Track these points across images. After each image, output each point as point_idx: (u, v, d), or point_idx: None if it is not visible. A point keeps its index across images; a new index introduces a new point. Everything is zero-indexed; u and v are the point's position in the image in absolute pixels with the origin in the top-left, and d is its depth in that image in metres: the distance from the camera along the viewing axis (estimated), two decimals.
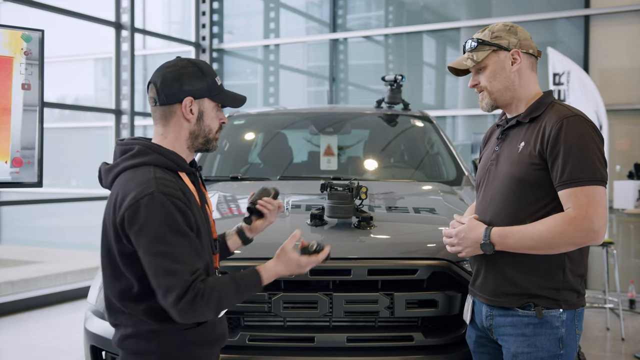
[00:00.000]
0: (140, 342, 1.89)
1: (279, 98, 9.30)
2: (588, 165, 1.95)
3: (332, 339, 2.55)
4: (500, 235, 2.04)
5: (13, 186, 3.08)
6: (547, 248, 1.98)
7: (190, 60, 1.96)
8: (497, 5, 8.08)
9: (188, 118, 1.91)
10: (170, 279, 1.74)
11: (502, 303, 2.10)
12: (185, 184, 1.90)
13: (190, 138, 1.94)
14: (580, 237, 1.94)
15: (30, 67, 3.07)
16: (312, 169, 4.07)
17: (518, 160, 2.08)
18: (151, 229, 1.74)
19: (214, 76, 1.95)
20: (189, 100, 1.90)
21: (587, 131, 1.99)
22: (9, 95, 3.01)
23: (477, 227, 2.10)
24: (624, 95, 7.18)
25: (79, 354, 4.80)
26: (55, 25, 8.49)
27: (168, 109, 1.91)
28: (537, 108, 2.11)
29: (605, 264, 6.13)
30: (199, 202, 1.94)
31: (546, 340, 2.04)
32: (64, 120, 11.41)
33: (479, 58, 2.15)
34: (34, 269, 8.72)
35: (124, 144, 1.93)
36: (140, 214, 1.74)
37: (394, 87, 4.25)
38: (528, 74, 2.15)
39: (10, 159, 3.04)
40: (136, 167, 1.85)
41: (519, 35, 2.14)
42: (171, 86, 1.89)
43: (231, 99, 2.01)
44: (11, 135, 3.04)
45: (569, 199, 1.96)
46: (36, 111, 3.10)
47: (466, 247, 2.12)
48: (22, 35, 3.04)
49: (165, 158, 1.88)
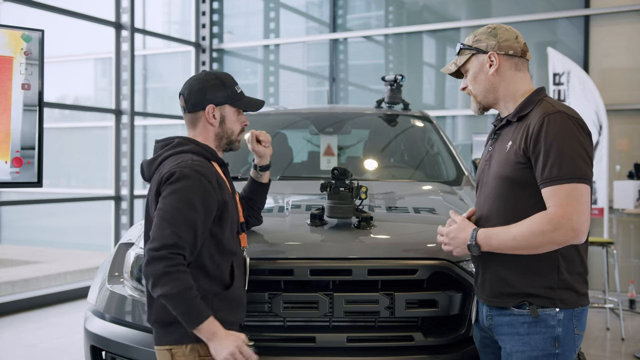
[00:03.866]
0: (169, 313, 2.03)
1: (279, 98, 9.30)
2: (568, 162, 1.93)
3: (332, 339, 2.55)
4: (485, 236, 2.05)
5: (13, 186, 3.08)
6: (529, 248, 1.97)
7: (214, 73, 2.30)
8: (497, 5, 8.08)
9: (212, 122, 2.25)
10: (161, 231, 2.01)
11: (498, 303, 2.11)
12: (218, 172, 2.20)
13: (216, 139, 2.27)
14: (561, 236, 1.92)
15: (30, 67, 3.06)
16: (312, 169, 4.07)
17: (505, 160, 2.09)
18: (170, 190, 2.05)
19: (234, 85, 2.29)
20: (211, 107, 2.24)
21: (568, 128, 1.97)
22: (9, 95, 3.01)
23: (467, 227, 2.11)
24: (624, 95, 7.18)
25: (79, 354, 4.79)
26: (55, 25, 8.50)
27: (194, 116, 2.26)
28: (525, 106, 2.11)
29: (605, 264, 6.14)
30: (229, 188, 2.24)
31: (540, 339, 2.04)
32: (64, 120, 11.41)
33: (460, 62, 2.21)
34: (34, 269, 8.73)
35: (163, 140, 2.27)
36: (173, 178, 2.06)
37: (394, 87, 4.25)
38: (511, 74, 2.14)
39: (10, 159, 3.03)
40: (177, 154, 2.17)
41: (499, 37, 2.15)
42: (196, 96, 2.24)
43: (249, 104, 2.33)
44: (11, 135, 3.04)
45: (550, 198, 1.95)
46: (36, 111, 3.10)
47: (456, 246, 2.14)
48: (22, 35, 3.04)
49: (201, 148, 2.21)
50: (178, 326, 2.07)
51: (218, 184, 2.14)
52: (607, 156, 6.54)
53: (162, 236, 2.00)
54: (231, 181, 2.32)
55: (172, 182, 2.06)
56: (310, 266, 2.53)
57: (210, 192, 2.09)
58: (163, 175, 2.09)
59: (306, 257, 2.57)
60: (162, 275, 1.97)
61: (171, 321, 2.08)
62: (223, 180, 2.20)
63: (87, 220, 10.97)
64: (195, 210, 2.04)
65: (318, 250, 2.62)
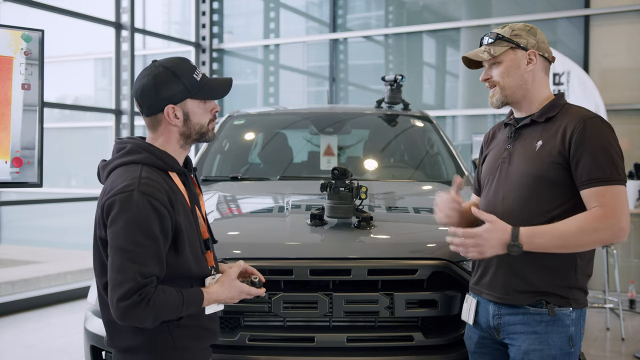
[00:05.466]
0: (127, 338, 1.91)
1: (279, 98, 9.30)
2: (613, 165, 2.00)
3: (332, 339, 2.55)
4: (529, 235, 1.98)
5: (13, 186, 3.08)
6: (575, 247, 2.00)
7: (164, 64, 1.94)
8: (497, 5, 8.08)
9: (174, 123, 1.93)
10: (121, 276, 1.75)
11: (512, 300, 2.09)
12: (174, 184, 1.92)
13: (182, 138, 1.96)
14: (609, 234, 1.97)
15: (30, 67, 3.07)
16: (312, 169, 4.07)
17: (537, 159, 2.09)
18: (120, 223, 1.77)
19: (191, 73, 1.93)
20: (170, 108, 1.91)
21: (609, 132, 2.05)
22: (9, 95, 3.01)
23: (506, 227, 2.00)
24: (624, 95, 7.18)
25: (79, 354, 4.79)
26: (55, 25, 8.50)
27: (154, 119, 1.94)
28: (552, 108, 2.13)
29: (605, 264, 6.14)
30: (188, 202, 1.95)
31: (558, 338, 2.05)
32: (64, 120, 11.41)
33: (496, 52, 2.15)
34: (34, 269, 8.72)
35: (119, 142, 1.98)
36: (115, 208, 1.79)
37: (394, 87, 4.25)
38: (541, 76, 2.17)
39: (10, 159, 3.04)
40: (126, 164, 1.89)
41: (538, 37, 2.16)
42: (149, 97, 1.91)
43: (213, 91, 1.98)
44: (11, 135, 3.04)
45: (596, 198, 1.98)
46: (36, 111, 3.10)
47: (490, 247, 1.99)
48: (22, 35, 3.04)
49: (155, 157, 1.90)
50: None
51: (171, 201, 1.85)
52: None
53: (126, 280, 1.74)
54: (194, 191, 2.02)
55: (114, 216, 1.78)
56: (310, 266, 2.53)
57: (164, 214, 1.81)
58: (104, 200, 1.82)
59: (306, 257, 2.57)
60: (144, 317, 1.77)
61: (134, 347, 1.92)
62: (180, 194, 1.92)
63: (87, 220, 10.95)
64: (153, 238, 1.78)
65: (318, 250, 2.62)
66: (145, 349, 1.91)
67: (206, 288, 1.93)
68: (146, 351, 1.91)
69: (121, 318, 1.78)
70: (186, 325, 1.93)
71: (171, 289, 1.84)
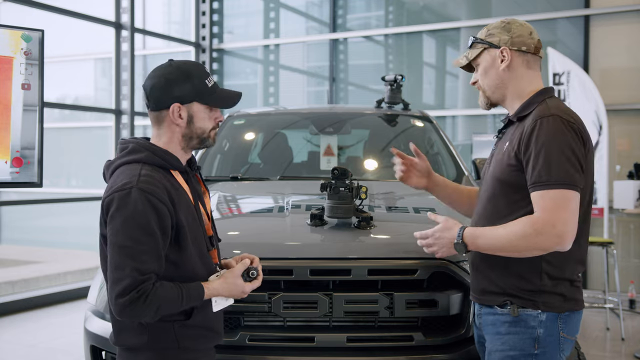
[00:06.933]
0: (132, 337, 1.92)
1: (279, 98, 9.30)
2: (557, 167, 1.89)
3: (332, 339, 2.55)
4: (472, 235, 2.04)
5: (13, 186, 3.08)
6: (514, 251, 1.95)
7: (180, 64, 1.98)
8: (497, 5, 8.09)
9: (177, 123, 1.96)
10: (119, 272, 1.78)
11: (485, 301, 2.11)
12: (176, 182, 1.95)
13: (183, 140, 1.99)
14: (544, 241, 1.89)
15: (30, 67, 3.07)
16: (312, 169, 4.07)
17: (500, 161, 2.08)
18: (118, 220, 1.80)
19: (203, 78, 1.97)
20: (177, 107, 1.94)
21: (560, 131, 1.92)
22: (9, 95, 3.01)
23: (453, 226, 2.09)
24: (624, 95, 7.18)
25: (79, 354, 4.79)
26: (55, 25, 8.50)
27: (158, 114, 1.97)
28: (527, 107, 2.07)
29: (605, 264, 6.14)
30: (192, 200, 1.98)
31: (518, 340, 2.01)
32: (64, 120, 11.41)
33: (472, 56, 2.17)
34: (34, 269, 8.72)
35: (122, 142, 2.01)
36: (113, 205, 1.82)
37: (394, 87, 4.24)
38: (522, 71, 2.11)
39: (10, 159, 3.04)
40: (128, 163, 1.92)
41: (513, 32, 2.11)
42: (159, 92, 1.94)
43: (221, 100, 2.01)
44: (11, 135, 3.04)
45: (537, 202, 1.92)
46: (36, 111, 3.10)
47: (442, 246, 2.12)
48: (22, 35, 3.04)
49: (156, 156, 1.93)
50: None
51: (172, 200, 1.87)
52: (607, 156, 6.54)
53: (124, 277, 1.77)
54: (197, 189, 2.05)
55: (113, 213, 1.81)
56: (310, 266, 2.53)
57: (163, 211, 1.83)
58: (105, 197, 1.86)
59: (306, 257, 2.57)
60: (142, 313, 1.79)
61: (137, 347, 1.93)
62: (183, 191, 1.95)
63: (87, 220, 10.95)
64: (150, 234, 1.79)
65: (318, 250, 2.62)
66: (149, 348, 1.92)
67: (207, 283, 1.94)
68: (150, 350, 1.92)
69: (120, 314, 1.80)
70: (191, 325, 1.94)
71: (170, 284, 1.85)
